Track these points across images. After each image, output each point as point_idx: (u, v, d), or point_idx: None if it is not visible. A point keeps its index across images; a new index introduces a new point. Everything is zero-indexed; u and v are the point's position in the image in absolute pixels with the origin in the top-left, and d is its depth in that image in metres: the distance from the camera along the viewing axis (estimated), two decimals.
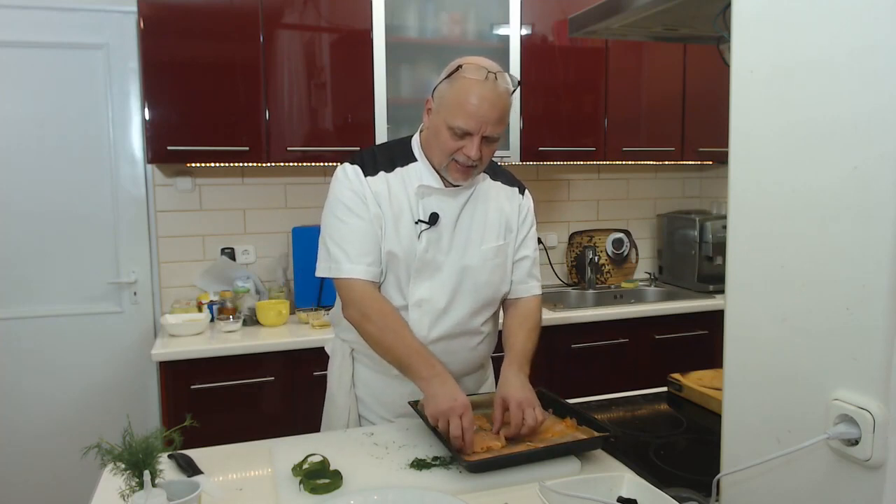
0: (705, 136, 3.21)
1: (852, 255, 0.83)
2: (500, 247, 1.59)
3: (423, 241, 1.51)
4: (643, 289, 3.38)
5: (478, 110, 1.41)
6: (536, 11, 2.87)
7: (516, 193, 1.66)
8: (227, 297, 2.70)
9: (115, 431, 1.11)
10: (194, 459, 1.32)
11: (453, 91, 1.44)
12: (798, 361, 0.92)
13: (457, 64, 1.47)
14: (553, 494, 1.04)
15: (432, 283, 1.53)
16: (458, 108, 1.42)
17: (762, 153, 0.97)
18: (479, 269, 1.56)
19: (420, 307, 1.54)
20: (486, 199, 1.60)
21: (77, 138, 2.74)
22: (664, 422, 1.68)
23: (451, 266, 1.54)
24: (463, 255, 1.55)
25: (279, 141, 2.60)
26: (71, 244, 2.77)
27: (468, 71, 1.44)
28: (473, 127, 1.42)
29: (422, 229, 1.51)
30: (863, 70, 0.81)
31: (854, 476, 0.85)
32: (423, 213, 1.53)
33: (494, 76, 1.44)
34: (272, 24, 2.56)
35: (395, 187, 1.53)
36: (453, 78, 1.46)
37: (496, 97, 1.43)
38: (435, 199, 1.53)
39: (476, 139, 1.44)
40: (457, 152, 1.46)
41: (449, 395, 1.35)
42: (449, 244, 1.54)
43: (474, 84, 1.42)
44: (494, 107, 1.43)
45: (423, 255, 1.51)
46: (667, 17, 1.40)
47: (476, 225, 1.57)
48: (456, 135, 1.44)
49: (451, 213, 1.54)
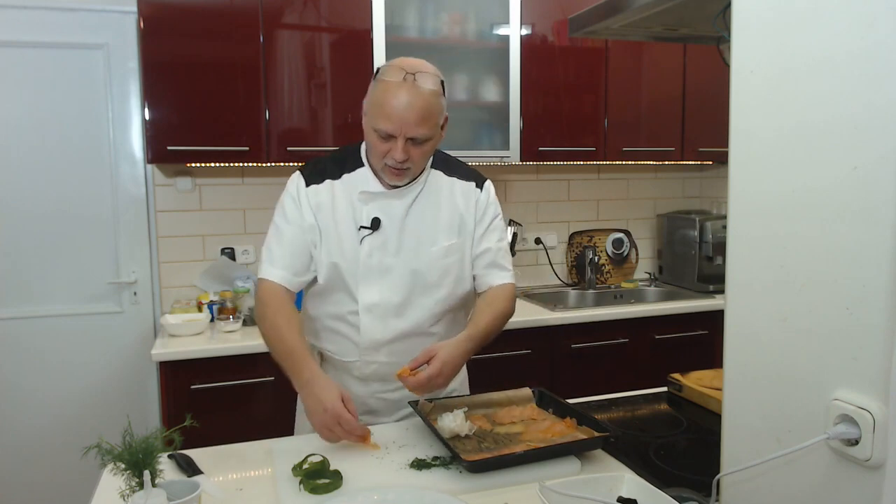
0: (705, 136, 3.21)
1: (852, 255, 0.83)
2: (451, 246, 1.57)
3: (366, 246, 1.52)
4: (643, 289, 3.38)
5: (395, 112, 1.40)
6: (536, 11, 2.87)
7: (473, 188, 1.63)
8: (227, 297, 2.70)
9: (115, 431, 1.11)
10: (194, 459, 1.32)
11: (375, 94, 1.44)
12: (798, 361, 0.92)
13: (380, 67, 1.48)
14: (553, 494, 1.04)
15: (381, 286, 1.54)
16: (378, 111, 1.42)
17: (762, 153, 0.97)
18: (429, 269, 1.55)
19: (371, 312, 1.54)
20: (437, 197, 1.58)
21: (77, 138, 2.74)
22: (664, 422, 1.68)
23: (401, 268, 1.54)
24: (413, 256, 1.54)
25: (279, 141, 2.60)
26: (71, 244, 2.77)
27: (386, 73, 1.43)
28: (393, 129, 1.42)
29: (363, 235, 1.52)
30: (863, 70, 0.81)
31: (854, 476, 0.85)
32: (366, 218, 1.53)
33: (413, 77, 1.41)
34: (272, 24, 2.56)
35: (340, 195, 1.54)
36: (375, 81, 1.46)
37: (414, 98, 1.40)
38: (379, 204, 1.53)
39: (400, 141, 1.43)
40: (386, 155, 1.46)
41: (318, 407, 1.33)
42: (397, 247, 1.54)
43: (391, 86, 1.41)
44: (412, 108, 1.40)
45: (367, 260, 1.52)
46: (667, 17, 1.40)
47: (426, 225, 1.56)
48: (381, 137, 1.44)
49: (397, 215, 1.54)
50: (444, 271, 1.57)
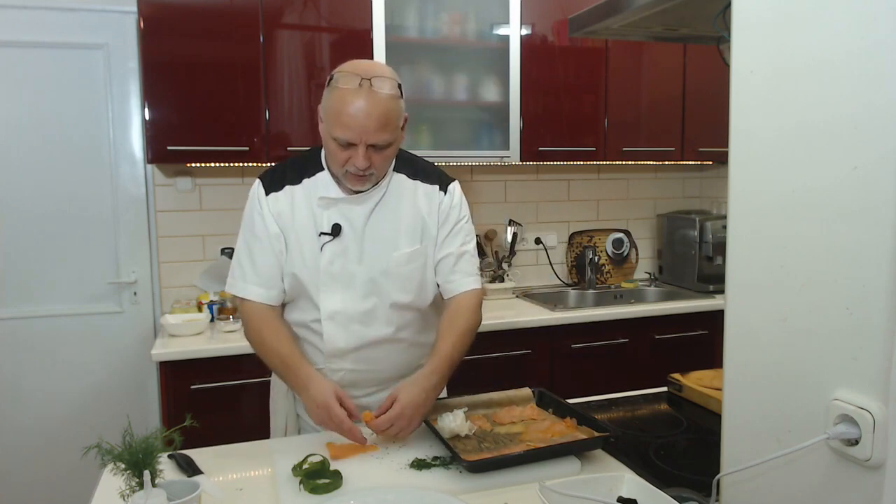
0: (705, 136, 3.21)
1: (852, 255, 0.83)
2: (413, 252, 1.53)
3: (327, 253, 1.48)
4: (643, 289, 3.38)
5: (353, 121, 1.36)
6: (536, 11, 2.87)
7: (436, 191, 1.57)
8: (227, 297, 2.69)
9: (115, 431, 1.11)
10: (194, 459, 1.32)
11: (331, 102, 1.40)
12: (798, 361, 0.92)
13: (334, 73, 1.42)
14: (553, 494, 1.04)
15: (345, 294, 1.50)
16: (335, 119, 1.38)
17: (762, 153, 0.97)
18: (392, 276, 1.51)
19: (333, 319, 1.51)
20: (398, 202, 1.53)
21: (77, 138, 2.74)
22: (664, 422, 1.67)
23: (363, 275, 1.50)
24: (375, 262, 1.50)
25: (279, 141, 2.60)
26: (71, 244, 2.77)
27: (341, 80, 1.39)
28: (353, 137, 1.38)
29: (324, 242, 1.48)
30: (863, 70, 0.81)
31: (854, 476, 0.85)
32: (327, 224, 1.49)
33: (369, 82, 1.37)
34: (272, 24, 2.56)
35: (300, 201, 1.50)
36: (330, 87, 1.41)
37: (373, 105, 1.36)
38: (339, 209, 1.49)
39: (361, 149, 1.39)
40: (346, 162, 1.42)
41: (313, 405, 1.37)
42: (359, 253, 1.50)
43: (347, 94, 1.36)
44: (370, 115, 1.36)
45: (329, 267, 1.48)
46: (667, 17, 1.40)
47: (387, 231, 1.51)
48: (341, 145, 1.40)
49: (358, 220, 1.50)
50: (406, 278, 1.52)
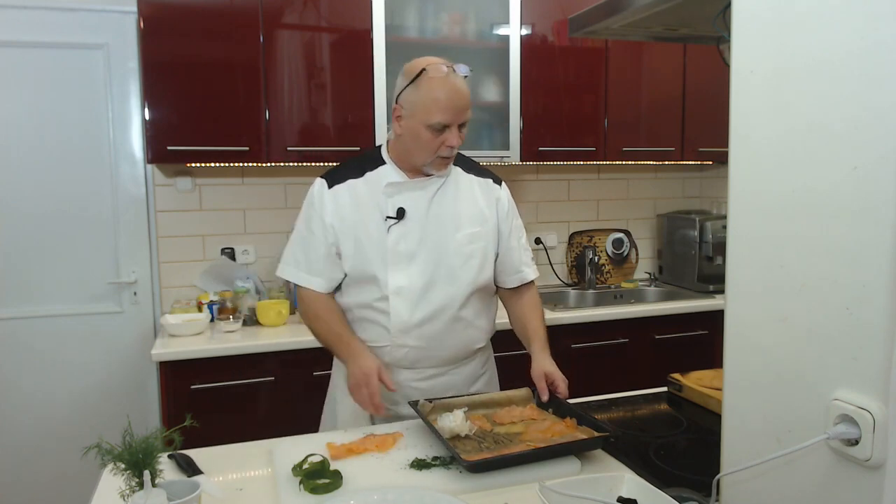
0: (705, 136, 3.21)
1: (852, 255, 0.83)
2: (475, 233, 1.68)
3: (393, 234, 1.62)
4: (643, 289, 3.38)
5: (452, 103, 1.54)
6: (536, 11, 2.87)
7: (491, 184, 1.76)
8: (227, 297, 2.70)
9: (115, 431, 1.11)
10: (194, 459, 1.32)
11: (424, 92, 1.55)
12: (798, 361, 0.92)
13: (419, 67, 1.58)
14: (553, 494, 1.04)
15: (409, 271, 1.63)
16: (434, 106, 1.54)
17: (762, 153, 0.97)
18: (454, 254, 1.65)
19: (399, 294, 1.63)
20: (457, 190, 1.69)
21: (77, 138, 2.74)
22: (664, 422, 1.68)
23: (426, 254, 1.64)
24: (438, 243, 1.64)
25: (279, 141, 2.60)
26: (71, 244, 2.77)
27: (432, 71, 1.56)
28: (451, 119, 1.55)
29: (390, 224, 1.62)
30: (863, 70, 0.81)
31: (854, 476, 0.85)
32: (391, 208, 1.63)
33: (452, 69, 1.58)
34: (272, 24, 2.56)
35: (364, 190, 1.65)
36: (420, 81, 1.56)
37: (462, 86, 1.57)
38: (403, 195, 1.64)
39: (455, 128, 1.56)
40: (440, 147, 1.57)
41: (358, 371, 1.53)
42: (422, 234, 1.64)
43: (442, 80, 1.55)
44: (465, 96, 1.57)
45: (395, 247, 1.62)
46: (667, 17, 1.40)
47: (448, 214, 1.66)
48: (436, 130, 1.55)
49: (420, 205, 1.64)
50: (467, 257, 1.67)
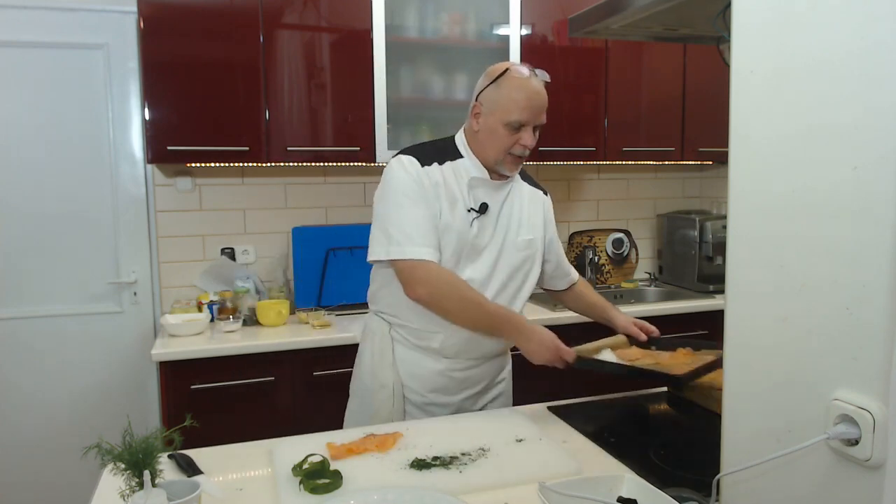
0: (705, 136, 3.21)
1: (852, 255, 0.83)
2: (531, 240, 1.77)
3: (475, 227, 1.67)
4: (643, 289, 3.38)
5: (531, 103, 1.62)
6: (536, 11, 2.87)
7: (540, 195, 1.86)
8: (227, 297, 2.70)
9: (115, 431, 1.11)
10: (194, 459, 1.32)
11: (505, 91, 1.62)
12: (798, 361, 0.92)
13: (503, 68, 1.65)
14: (553, 494, 1.04)
15: (475, 264, 1.68)
16: (513, 105, 1.61)
17: (762, 153, 0.97)
18: (513, 255, 1.72)
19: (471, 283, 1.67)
20: (519, 196, 1.78)
21: (77, 138, 2.74)
22: (664, 422, 1.68)
23: (490, 250, 1.70)
24: (503, 241, 1.71)
25: (279, 141, 2.60)
26: (71, 244, 2.77)
27: (516, 71, 1.64)
28: (529, 118, 1.62)
29: (473, 217, 1.66)
30: (863, 70, 0.81)
31: (854, 476, 0.85)
32: (473, 202, 1.67)
33: (534, 72, 1.66)
34: (272, 24, 2.56)
35: (449, 178, 1.66)
36: (502, 80, 1.63)
37: (542, 90, 1.65)
38: (483, 191, 1.69)
39: (530, 129, 1.64)
40: (514, 145, 1.64)
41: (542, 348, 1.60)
42: (493, 231, 1.70)
43: (524, 82, 1.62)
44: (543, 98, 1.65)
45: (474, 240, 1.67)
46: (667, 17, 1.40)
47: (514, 216, 1.74)
48: (513, 129, 1.62)
49: (496, 204, 1.71)
50: (523, 259, 1.75)
